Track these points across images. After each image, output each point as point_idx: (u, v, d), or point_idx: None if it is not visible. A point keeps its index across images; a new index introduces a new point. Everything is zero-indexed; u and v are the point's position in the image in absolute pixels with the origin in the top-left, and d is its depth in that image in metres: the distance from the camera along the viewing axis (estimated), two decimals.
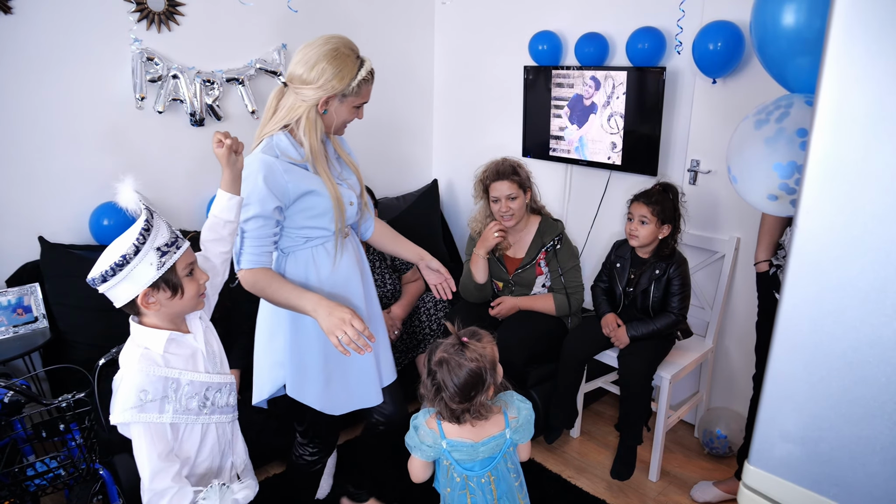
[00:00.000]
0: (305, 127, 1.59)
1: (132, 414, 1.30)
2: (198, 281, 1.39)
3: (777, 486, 1.04)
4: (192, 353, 1.42)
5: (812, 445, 1.00)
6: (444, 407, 1.48)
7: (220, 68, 2.88)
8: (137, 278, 1.29)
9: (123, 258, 1.26)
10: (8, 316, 2.38)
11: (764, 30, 1.25)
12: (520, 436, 1.56)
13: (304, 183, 1.61)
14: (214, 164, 2.95)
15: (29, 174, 2.50)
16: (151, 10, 2.66)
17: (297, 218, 1.64)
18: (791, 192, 1.15)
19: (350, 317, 1.45)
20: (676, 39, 2.61)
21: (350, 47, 1.58)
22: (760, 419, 1.06)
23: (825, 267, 0.95)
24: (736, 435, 2.53)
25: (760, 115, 1.24)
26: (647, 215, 2.33)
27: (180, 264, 1.34)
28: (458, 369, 1.43)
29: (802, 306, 0.98)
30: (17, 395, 1.81)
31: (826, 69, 0.90)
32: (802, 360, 1.00)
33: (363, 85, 1.61)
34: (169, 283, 1.33)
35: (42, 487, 1.77)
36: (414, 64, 3.71)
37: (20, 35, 2.39)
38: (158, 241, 1.30)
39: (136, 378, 1.31)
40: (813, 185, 0.94)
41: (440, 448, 1.52)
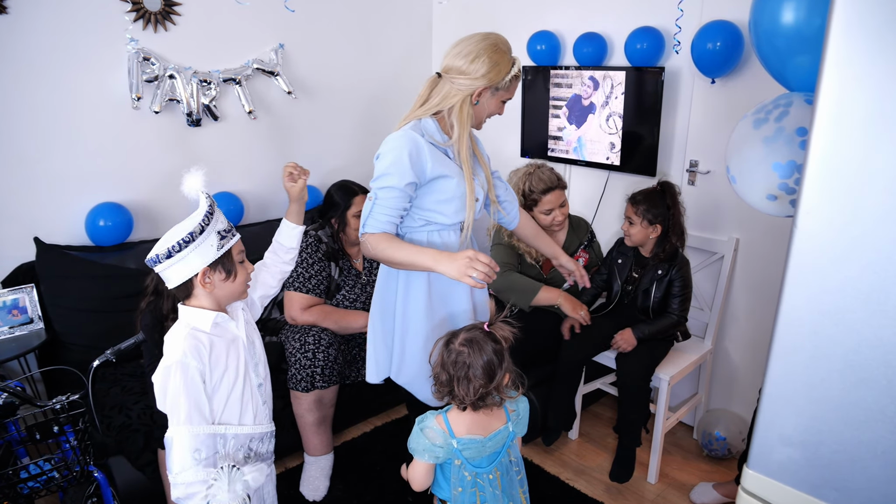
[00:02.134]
0: (458, 115, 1.66)
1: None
2: (247, 270, 1.51)
3: (776, 490, 1.03)
4: (233, 338, 1.50)
5: (812, 449, 0.99)
6: (466, 392, 1.47)
7: (216, 68, 2.87)
8: (200, 256, 1.38)
9: (191, 235, 1.36)
10: (3, 317, 2.37)
11: (763, 28, 1.24)
12: (520, 428, 1.59)
13: (441, 166, 1.66)
14: (210, 165, 2.94)
15: (24, 174, 2.49)
16: (148, 9, 2.64)
17: (426, 199, 1.69)
18: (790, 192, 1.14)
19: (473, 254, 1.51)
20: (675, 39, 2.60)
21: (506, 45, 1.66)
22: (759, 422, 1.05)
23: (825, 268, 0.94)
24: (735, 437, 2.52)
25: (759, 115, 1.22)
26: (631, 216, 2.36)
27: (235, 250, 1.46)
28: (484, 345, 1.47)
29: (802, 308, 0.97)
30: (12, 396, 1.80)
31: (826, 68, 0.89)
32: (802, 363, 0.98)
33: (514, 81, 1.68)
34: (225, 265, 1.43)
35: (36, 490, 1.75)
36: (412, 63, 3.70)
37: (15, 35, 2.37)
38: (219, 225, 1.42)
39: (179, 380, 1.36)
40: (813, 185, 0.93)
41: (451, 447, 1.50)
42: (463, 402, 1.49)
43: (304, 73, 3.21)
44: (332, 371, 2.33)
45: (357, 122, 3.52)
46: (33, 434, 1.71)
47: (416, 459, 1.53)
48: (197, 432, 1.36)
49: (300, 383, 2.30)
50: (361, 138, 3.56)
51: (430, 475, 1.56)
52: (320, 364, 2.30)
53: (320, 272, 2.50)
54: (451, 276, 1.53)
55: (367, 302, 2.60)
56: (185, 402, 1.36)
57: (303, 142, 3.30)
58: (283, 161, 3.24)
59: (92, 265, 2.51)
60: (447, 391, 1.51)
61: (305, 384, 2.29)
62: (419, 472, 1.55)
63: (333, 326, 2.44)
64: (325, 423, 2.39)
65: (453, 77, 1.64)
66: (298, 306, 2.45)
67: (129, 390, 2.29)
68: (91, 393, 1.79)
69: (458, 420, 1.53)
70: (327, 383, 2.32)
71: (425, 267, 1.60)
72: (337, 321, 2.46)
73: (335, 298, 2.55)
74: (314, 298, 2.47)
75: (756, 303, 2.54)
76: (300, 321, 2.44)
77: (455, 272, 1.51)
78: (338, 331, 2.46)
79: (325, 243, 2.54)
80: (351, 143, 3.51)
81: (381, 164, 1.62)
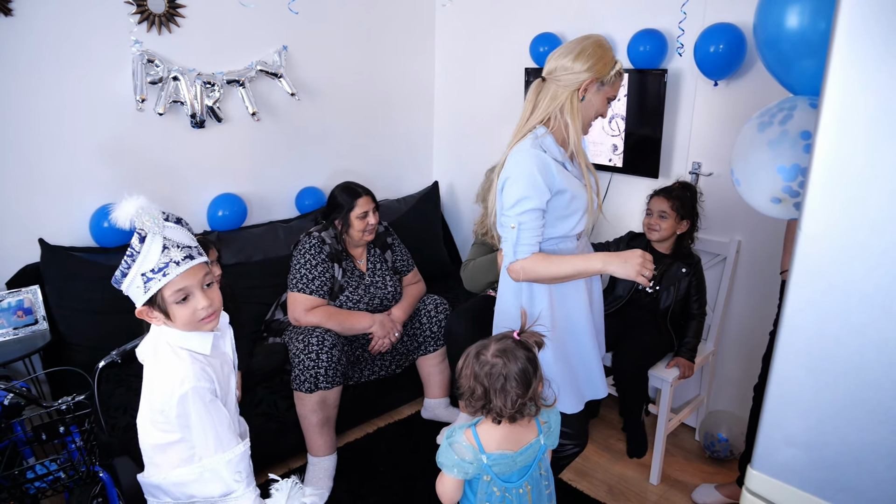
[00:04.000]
0: (570, 110, 1.66)
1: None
2: (193, 307, 1.34)
3: (781, 491, 1.03)
4: (224, 359, 1.46)
5: (817, 450, 0.99)
6: (504, 404, 1.41)
7: (220, 70, 2.88)
8: (134, 297, 1.33)
9: (115, 279, 1.31)
10: (8, 318, 2.37)
11: (767, 32, 1.24)
12: (551, 441, 1.55)
13: (562, 180, 1.67)
14: (214, 167, 2.97)
15: (29, 176, 2.50)
16: (152, 11, 2.65)
17: (548, 216, 1.71)
18: (794, 195, 1.14)
19: (642, 254, 1.55)
20: (678, 41, 2.60)
21: (607, 43, 1.67)
22: (764, 423, 1.05)
23: (830, 270, 0.94)
24: (737, 438, 2.52)
25: (764, 118, 1.23)
26: (666, 210, 2.39)
27: (167, 290, 1.31)
28: (517, 354, 1.42)
29: (807, 310, 0.98)
30: (17, 397, 1.80)
31: (831, 71, 0.89)
32: (807, 365, 0.99)
33: (618, 77, 1.68)
34: (160, 306, 1.33)
35: (42, 490, 1.76)
36: (415, 66, 3.70)
37: (20, 37, 2.38)
38: (144, 266, 1.30)
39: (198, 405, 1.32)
40: (817, 188, 0.94)
41: (481, 463, 1.44)
42: (500, 415, 1.43)
43: (307, 75, 3.22)
44: (336, 372, 2.34)
45: (360, 124, 3.53)
46: (39, 435, 1.71)
47: (444, 474, 1.48)
48: (229, 458, 1.34)
49: (304, 384, 2.30)
50: (365, 140, 3.56)
51: (459, 490, 1.51)
52: (324, 365, 2.30)
53: (324, 273, 2.50)
54: (623, 276, 1.57)
55: (370, 303, 2.61)
56: (211, 429, 1.33)
57: (306, 144, 3.31)
58: (286, 162, 3.25)
59: (97, 266, 2.52)
60: (481, 405, 1.44)
61: (309, 385, 2.30)
62: (448, 488, 1.50)
63: (337, 328, 2.45)
64: (329, 424, 2.39)
65: (558, 76, 1.66)
66: (302, 307, 2.45)
67: (135, 391, 2.29)
68: (97, 394, 1.80)
69: (489, 434, 1.47)
70: (331, 384, 2.33)
71: (596, 271, 1.64)
72: (340, 322, 2.47)
73: (339, 300, 2.56)
74: (318, 300, 2.48)
75: (758, 304, 2.54)
76: (304, 322, 2.44)
77: (629, 272, 1.55)
78: (341, 332, 2.47)
79: (328, 244, 2.55)
80: (354, 145, 3.52)
81: (517, 188, 1.63)
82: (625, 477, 2.52)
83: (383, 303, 2.65)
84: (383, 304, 2.65)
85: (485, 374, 1.42)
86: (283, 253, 2.92)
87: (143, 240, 1.31)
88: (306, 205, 3.28)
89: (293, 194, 3.31)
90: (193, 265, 1.34)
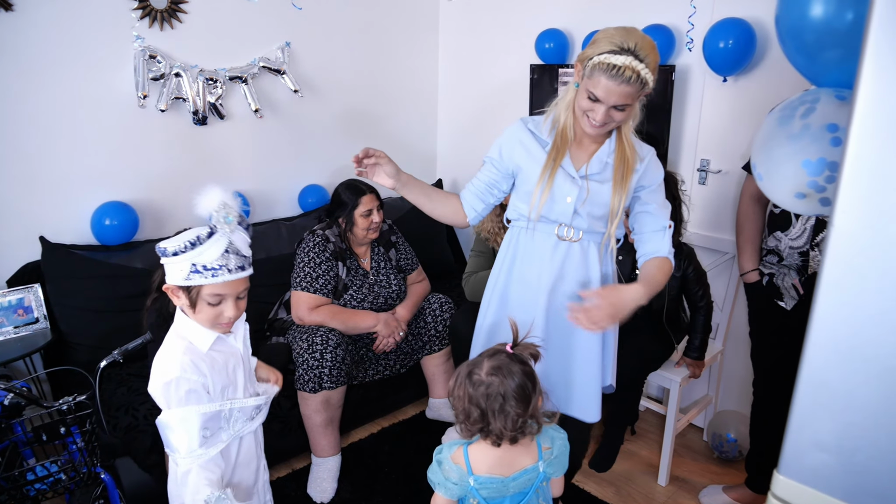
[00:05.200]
0: (562, 95, 1.63)
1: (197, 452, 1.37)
2: (220, 312, 1.38)
3: (809, 497, 1.00)
4: (232, 352, 1.47)
5: (848, 455, 0.96)
6: (504, 425, 1.31)
7: (223, 67, 2.85)
8: (170, 272, 1.35)
9: (164, 251, 1.32)
10: (8, 317, 2.34)
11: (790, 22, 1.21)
12: (553, 469, 1.43)
13: (522, 158, 1.67)
14: (215, 164, 2.93)
15: (30, 173, 2.46)
16: (154, 7, 2.62)
17: (515, 193, 1.74)
18: (821, 190, 1.11)
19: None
20: (687, 36, 2.57)
21: (624, 36, 1.44)
22: (791, 427, 1.02)
23: (864, 268, 0.91)
24: (746, 439, 2.49)
25: (785, 112, 1.20)
26: None
27: (207, 289, 1.35)
28: (513, 369, 1.33)
29: (839, 309, 0.94)
30: (18, 397, 1.77)
31: (866, 63, 0.86)
32: (838, 366, 0.96)
33: (596, 70, 1.45)
34: (190, 294, 1.36)
35: (42, 492, 1.73)
36: (419, 62, 3.67)
37: (21, 33, 2.35)
38: (200, 259, 1.32)
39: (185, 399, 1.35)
40: (850, 183, 0.90)
41: (467, 485, 1.36)
42: (501, 437, 1.33)
43: (310, 72, 3.19)
44: (340, 372, 2.31)
45: (364, 122, 3.50)
46: (40, 435, 1.69)
47: (435, 492, 1.42)
48: (204, 411, 1.36)
49: (308, 384, 2.27)
50: (368, 137, 3.53)
51: None
52: (328, 364, 2.27)
53: (328, 272, 2.47)
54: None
55: (374, 302, 2.58)
56: (185, 420, 1.35)
57: (309, 141, 3.28)
58: (289, 160, 3.22)
59: (98, 264, 2.49)
60: (479, 428, 1.34)
61: (313, 385, 2.27)
62: None
63: (341, 327, 2.42)
64: (333, 424, 2.36)
65: None
66: (306, 306, 2.42)
67: (136, 391, 2.26)
68: (98, 394, 1.77)
69: (480, 456, 1.39)
70: (335, 384, 2.30)
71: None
72: (344, 321, 2.44)
73: (343, 298, 2.53)
74: (321, 298, 2.45)
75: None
76: (307, 321, 2.41)
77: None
78: (345, 331, 2.44)
79: (332, 243, 2.52)
80: (358, 142, 3.47)
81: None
82: (632, 478, 2.50)
83: (388, 302, 2.62)
84: (388, 302, 2.62)
85: (480, 394, 1.32)
86: (286, 251, 2.89)
87: (210, 235, 1.32)
88: (309, 202, 3.25)
89: (296, 192, 3.28)
90: (241, 277, 1.38)
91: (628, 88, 1.45)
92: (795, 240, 1.98)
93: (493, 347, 1.41)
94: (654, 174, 1.67)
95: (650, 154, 1.68)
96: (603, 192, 1.63)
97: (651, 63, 1.46)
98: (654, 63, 1.47)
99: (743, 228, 2.17)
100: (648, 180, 1.67)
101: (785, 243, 2.01)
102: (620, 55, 1.42)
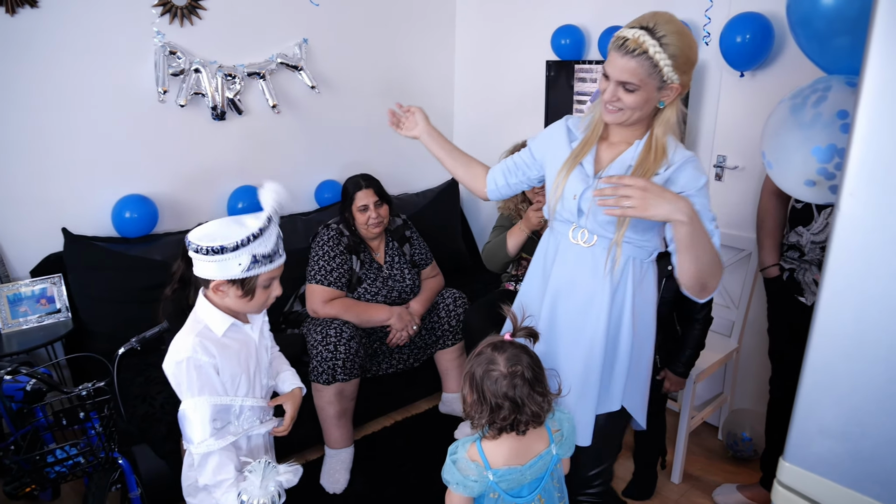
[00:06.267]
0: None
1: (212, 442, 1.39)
2: (270, 293, 1.44)
3: (815, 483, 0.99)
4: (245, 341, 1.49)
5: (853, 441, 0.95)
6: (538, 408, 1.32)
7: (241, 62, 2.89)
8: (220, 269, 1.35)
9: (222, 248, 1.31)
10: (32, 306, 2.40)
11: (802, 10, 1.20)
12: (564, 450, 1.45)
13: (552, 151, 1.62)
14: (234, 159, 2.97)
15: (53, 166, 2.52)
16: (174, 4, 2.67)
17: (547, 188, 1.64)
18: (830, 178, 1.10)
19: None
20: (704, 31, 2.55)
21: (648, 16, 1.44)
22: (797, 413, 1.01)
23: (869, 252, 0.90)
24: (761, 438, 2.46)
25: (797, 99, 1.19)
26: None
27: (264, 275, 1.39)
28: (521, 353, 1.35)
29: (844, 293, 0.93)
30: (40, 382, 1.82)
31: (872, 48, 0.85)
32: (843, 350, 0.95)
33: (611, 45, 1.43)
34: (245, 285, 1.39)
35: (62, 475, 1.77)
36: (435, 59, 3.69)
37: (46, 29, 2.41)
38: (259, 249, 1.35)
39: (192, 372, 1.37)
40: (856, 167, 0.90)
41: (486, 481, 1.36)
42: (534, 420, 1.34)
43: (327, 68, 3.22)
44: (354, 364, 2.33)
45: (380, 117, 3.49)
46: (60, 420, 1.73)
47: (450, 490, 1.41)
48: (214, 402, 1.38)
49: (321, 376, 2.30)
50: (384, 133, 3.54)
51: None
52: (342, 357, 2.30)
53: (342, 265, 2.50)
54: None
55: (388, 295, 2.59)
56: (199, 394, 1.38)
57: (325, 136, 3.31)
58: (306, 155, 3.25)
59: (118, 256, 2.54)
60: (511, 421, 1.34)
61: (327, 377, 2.29)
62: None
63: (355, 319, 2.44)
64: (346, 416, 2.38)
65: None
66: (320, 299, 2.45)
67: (153, 380, 2.30)
68: (116, 381, 1.81)
69: (496, 449, 1.39)
70: (349, 376, 2.32)
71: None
72: (358, 314, 2.46)
73: (357, 292, 2.55)
74: (336, 291, 2.47)
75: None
76: (322, 314, 2.44)
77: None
78: (359, 324, 2.46)
79: (346, 236, 2.54)
80: (374, 138, 3.51)
81: None
82: None
83: (401, 296, 2.64)
84: (401, 296, 2.64)
85: (507, 386, 1.32)
86: (301, 245, 2.91)
87: (269, 223, 1.36)
88: (325, 198, 3.28)
89: (312, 187, 3.31)
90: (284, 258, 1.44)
91: (632, 63, 1.37)
92: (818, 234, 1.96)
93: (495, 341, 1.39)
94: (685, 180, 1.46)
95: (684, 160, 1.47)
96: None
97: (670, 48, 1.37)
98: (675, 50, 1.37)
99: (764, 223, 2.14)
100: (681, 185, 1.46)
101: (807, 238, 1.99)
102: (633, 29, 1.39)
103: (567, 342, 1.58)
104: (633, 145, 1.50)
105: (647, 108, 1.44)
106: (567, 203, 1.54)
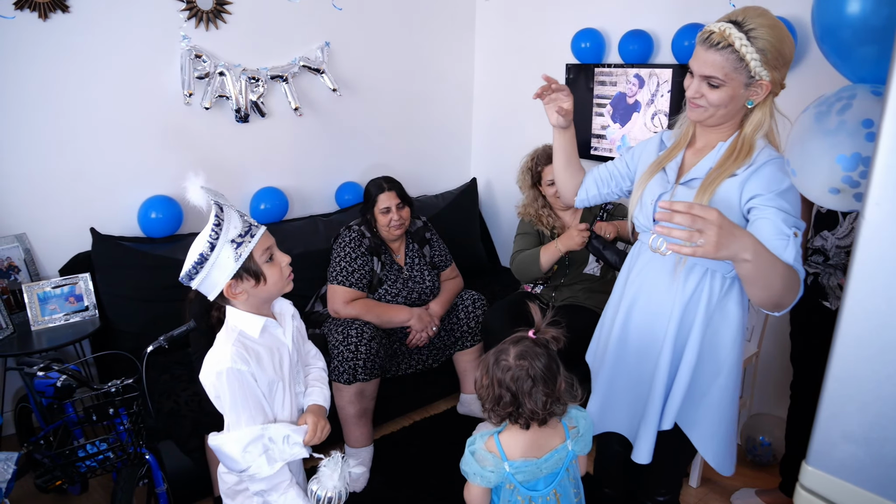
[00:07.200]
0: None
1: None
2: (279, 264, 1.43)
3: (838, 487, 1.00)
4: (278, 346, 1.47)
5: (877, 446, 0.96)
6: (535, 406, 1.36)
7: (264, 66, 2.93)
8: (220, 272, 1.34)
9: (202, 256, 1.31)
10: (61, 304, 2.46)
11: (827, 19, 1.21)
12: (580, 447, 1.48)
13: (640, 164, 1.61)
14: (256, 160, 3.02)
15: (81, 167, 2.59)
16: (200, 8, 2.72)
17: None
18: (855, 186, 1.11)
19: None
20: None
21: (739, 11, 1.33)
22: (820, 418, 1.02)
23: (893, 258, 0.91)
24: (780, 443, 2.45)
25: (821, 108, 1.20)
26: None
27: (257, 252, 1.38)
28: (539, 353, 1.37)
29: (869, 300, 0.94)
30: (70, 379, 1.86)
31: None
32: (868, 357, 0.95)
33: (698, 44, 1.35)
34: (250, 271, 1.37)
35: (92, 469, 1.82)
36: (455, 62, 3.71)
37: (76, 32, 2.47)
38: (231, 233, 1.34)
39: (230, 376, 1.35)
40: (882, 176, 0.90)
41: (503, 472, 1.40)
42: (532, 418, 1.38)
43: (348, 71, 3.25)
44: (374, 364, 2.36)
45: (400, 120, 3.55)
46: (90, 415, 1.77)
47: (468, 482, 1.45)
48: (238, 437, 1.36)
49: (342, 375, 2.33)
50: (404, 136, 3.59)
51: (486, 498, 1.47)
52: (362, 357, 2.33)
53: (363, 266, 2.53)
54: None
55: (408, 297, 2.62)
56: (242, 408, 1.36)
57: (347, 139, 3.35)
58: (327, 157, 3.29)
59: (144, 255, 2.59)
60: (510, 412, 1.39)
61: (347, 376, 2.32)
62: (474, 495, 1.46)
63: (375, 320, 2.47)
64: (366, 415, 2.41)
65: None
66: (341, 300, 2.48)
67: (178, 378, 2.35)
68: (144, 378, 1.85)
69: (512, 442, 1.43)
70: (369, 376, 2.35)
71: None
72: (379, 315, 2.49)
73: (377, 293, 2.58)
74: (357, 292, 2.51)
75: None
76: (343, 314, 2.47)
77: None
78: (380, 325, 2.49)
79: (367, 238, 2.57)
80: (394, 141, 3.55)
81: None
82: None
83: (421, 297, 2.67)
84: (421, 298, 2.67)
85: (511, 378, 1.37)
86: (322, 246, 2.95)
87: (221, 209, 1.35)
88: (346, 199, 3.32)
89: (333, 189, 3.35)
90: (264, 230, 1.41)
91: (717, 57, 1.29)
92: (843, 239, 1.95)
93: (516, 335, 1.43)
94: (767, 180, 1.35)
95: (768, 159, 1.38)
96: (685, 197, 1.43)
97: (759, 42, 1.27)
98: (764, 44, 1.28)
99: None
100: (760, 187, 1.35)
101: (832, 242, 1.99)
102: (720, 23, 1.31)
103: (635, 352, 1.56)
104: (715, 148, 1.44)
105: (733, 106, 1.37)
106: (645, 209, 1.51)
